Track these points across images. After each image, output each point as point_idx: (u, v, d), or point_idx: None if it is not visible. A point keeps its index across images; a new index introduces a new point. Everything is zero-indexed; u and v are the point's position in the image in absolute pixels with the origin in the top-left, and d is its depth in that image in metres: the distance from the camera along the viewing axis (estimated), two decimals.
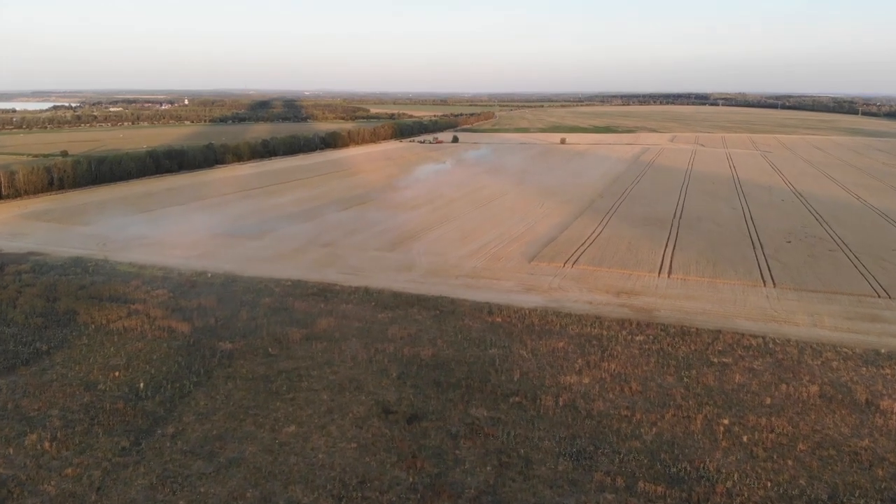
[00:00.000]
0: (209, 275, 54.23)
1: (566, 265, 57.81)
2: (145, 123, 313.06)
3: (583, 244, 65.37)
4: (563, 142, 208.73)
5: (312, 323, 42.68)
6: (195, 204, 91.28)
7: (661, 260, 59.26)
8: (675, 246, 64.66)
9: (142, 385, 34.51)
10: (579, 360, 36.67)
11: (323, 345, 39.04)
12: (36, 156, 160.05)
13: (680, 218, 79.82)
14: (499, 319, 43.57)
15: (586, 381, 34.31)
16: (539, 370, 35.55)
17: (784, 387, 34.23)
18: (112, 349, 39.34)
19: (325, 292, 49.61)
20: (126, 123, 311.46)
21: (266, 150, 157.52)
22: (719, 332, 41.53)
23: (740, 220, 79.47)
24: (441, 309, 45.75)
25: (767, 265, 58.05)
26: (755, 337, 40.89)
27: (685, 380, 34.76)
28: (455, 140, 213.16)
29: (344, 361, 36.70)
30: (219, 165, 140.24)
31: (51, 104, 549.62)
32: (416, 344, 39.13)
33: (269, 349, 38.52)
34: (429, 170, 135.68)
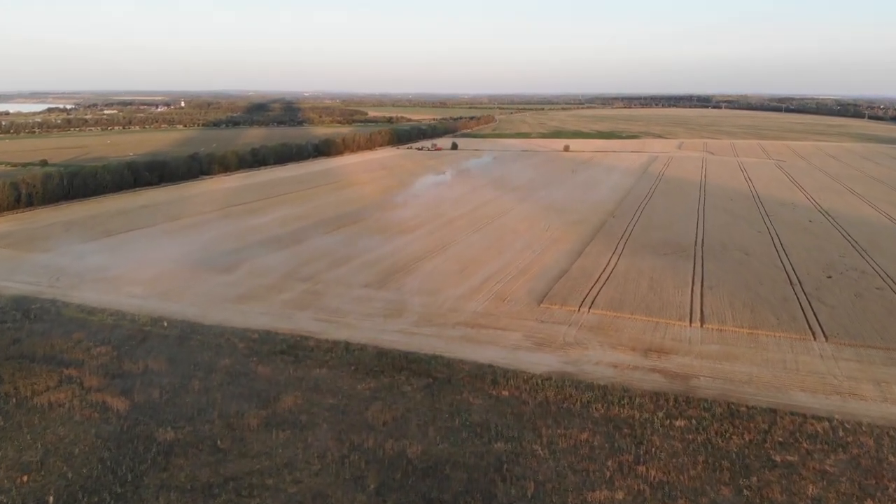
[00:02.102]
0: (165, 323, 46.58)
1: (581, 309, 50.18)
2: (136, 128, 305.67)
3: (598, 280, 57.69)
4: (566, 149, 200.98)
5: (276, 398, 35.03)
6: (168, 225, 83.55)
7: (689, 303, 51.59)
8: (702, 283, 56.94)
9: (51, 500, 26.99)
10: (609, 462, 29.01)
11: (286, 434, 31.39)
12: (15, 165, 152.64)
13: (702, 244, 72.11)
14: (505, 393, 35.92)
15: (620, 496, 26.66)
16: (559, 479, 27.87)
17: (870, 503, 26.67)
18: (29, 437, 31.82)
19: (296, 349, 41.95)
20: (117, 128, 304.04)
21: (255, 160, 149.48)
22: (775, 412, 33.91)
23: (769, 246, 71.77)
24: (435, 376, 38.10)
25: (812, 309, 50.40)
26: (819, 420, 33.25)
27: (745, 493, 27.12)
28: (454, 147, 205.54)
29: (309, 463, 29.05)
30: (204, 176, 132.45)
31: (47, 106, 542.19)
32: (403, 434, 31.47)
33: (219, 441, 30.88)
34: (426, 182, 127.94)
